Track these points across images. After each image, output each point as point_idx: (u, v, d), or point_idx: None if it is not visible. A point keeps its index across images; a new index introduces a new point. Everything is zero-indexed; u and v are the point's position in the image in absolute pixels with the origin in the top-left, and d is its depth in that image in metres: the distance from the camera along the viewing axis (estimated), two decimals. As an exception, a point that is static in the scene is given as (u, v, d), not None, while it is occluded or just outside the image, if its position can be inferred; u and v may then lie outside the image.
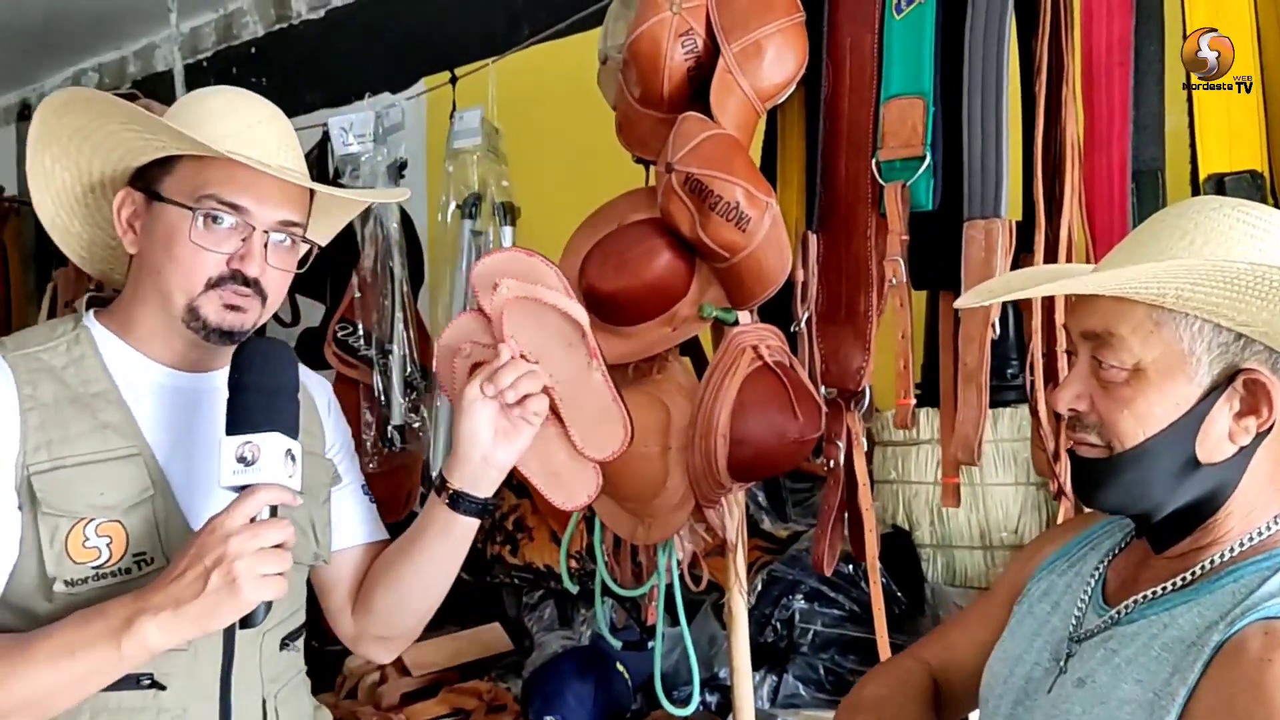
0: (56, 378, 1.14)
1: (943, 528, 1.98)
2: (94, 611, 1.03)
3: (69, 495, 1.09)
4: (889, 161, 1.42)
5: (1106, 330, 0.91)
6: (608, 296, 1.53)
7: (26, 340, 1.17)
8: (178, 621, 1.01)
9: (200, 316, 1.15)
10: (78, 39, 4.41)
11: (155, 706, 1.12)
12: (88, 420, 1.12)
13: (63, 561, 1.08)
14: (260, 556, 1.02)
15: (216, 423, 1.12)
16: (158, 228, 1.15)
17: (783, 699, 1.93)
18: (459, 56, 2.62)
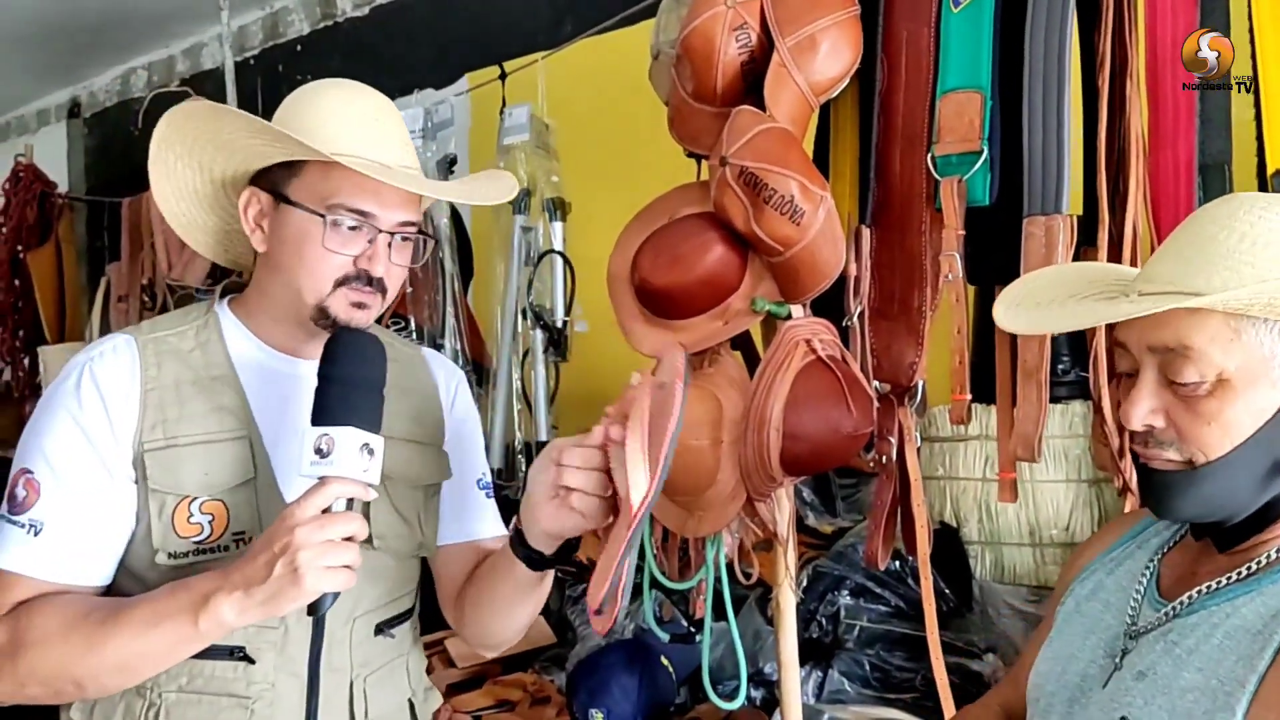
0: (182, 360, 1.20)
1: (991, 524, 1.98)
2: (180, 585, 1.08)
3: (178, 473, 1.16)
4: (945, 156, 1.41)
5: (1181, 344, 0.87)
6: (660, 290, 1.53)
7: (160, 324, 1.24)
8: (247, 603, 1.05)
9: (330, 315, 1.20)
10: (127, 38, 4.48)
11: (245, 679, 1.17)
12: (205, 402, 1.19)
13: (168, 535, 1.14)
14: (325, 548, 1.04)
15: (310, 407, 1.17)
16: (287, 230, 1.19)
17: (828, 694, 1.93)
18: (504, 52, 2.64)
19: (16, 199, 3.56)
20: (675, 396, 1.11)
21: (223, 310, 1.26)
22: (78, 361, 1.18)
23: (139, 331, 1.23)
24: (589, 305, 2.59)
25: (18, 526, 1.11)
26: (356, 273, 1.19)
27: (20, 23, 4.16)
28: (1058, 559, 1.93)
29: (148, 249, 2.87)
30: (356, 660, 1.24)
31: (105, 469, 1.14)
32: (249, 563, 1.06)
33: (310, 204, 1.18)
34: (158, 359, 1.19)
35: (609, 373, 2.75)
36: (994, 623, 1.93)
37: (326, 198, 1.18)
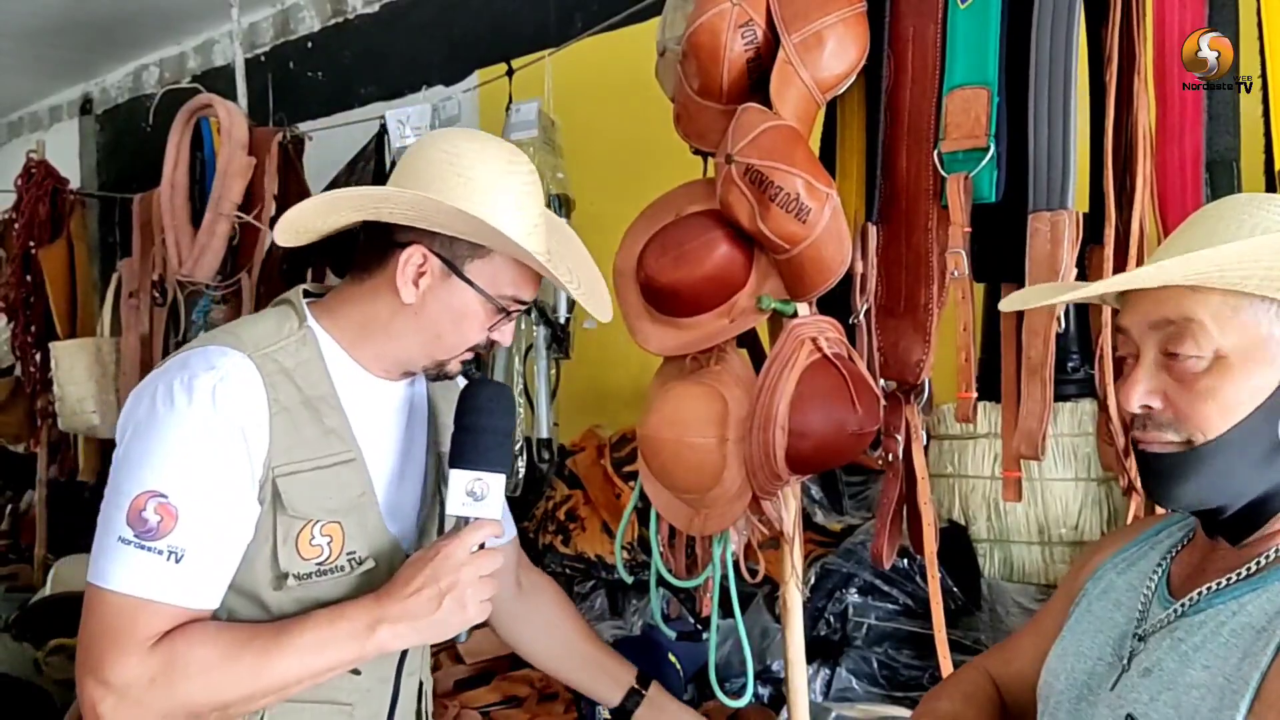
0: (289, 379, 1.21)
1: (1000, 523, 1.97)
2: (337, 613, 1.16)
3: (306, 498, 1.20)
4: (951, 153, 1.40)
5: (1184, 317, 0.88)
6: (666, 288, 1.53)
7: (259, 340, 1.22)
8: (411, 632, 1.16)
9: (444, 368, 1.29)
10: (139, 34, 4.50)
11: (349, 686, 1.26)
12: (316, 424, 1.22)
13: (293, 558, 1.19)
14: (483, 584, 1.18)
15: (408, 429, 1.33)
16: (453, 301, 1.24)
17: (835, 692, 1.92)
18: (513, 49, 2.64)
19: (29, 195, 3.58)
20: None
21: (316, 327, 1.27)
22: (201, 380, 1.15)
23: (241, 345, 1.20)
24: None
25: (155, 554, 1.10)
26: (487, 342, 1.29)
27: (33, 19, 4.18)
28: (1066, 558, 1.92)
29: (158, 245, 2.87)
30: (423, 663, 1.39)
31: (240, 493, 1.16)
32: (410, 596, 1.15)
33: (487, 289, 1.24)
34: (274, 379, 1.19)
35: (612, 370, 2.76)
36: (1002, 621, 1.93)
37: (503, 288, 1.25)
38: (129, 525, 1.10)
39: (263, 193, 2.60)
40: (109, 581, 1.10)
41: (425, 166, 1.23)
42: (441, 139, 1.27)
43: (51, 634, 2.96)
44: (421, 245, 1.22)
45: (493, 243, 1.22)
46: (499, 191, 1.22)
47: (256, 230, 2.58)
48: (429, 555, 1.17)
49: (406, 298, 1.23)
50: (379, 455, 1.28)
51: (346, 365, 1.27)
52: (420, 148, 1.27)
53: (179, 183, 2.71)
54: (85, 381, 3.28)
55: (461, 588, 1.15)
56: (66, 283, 3.63)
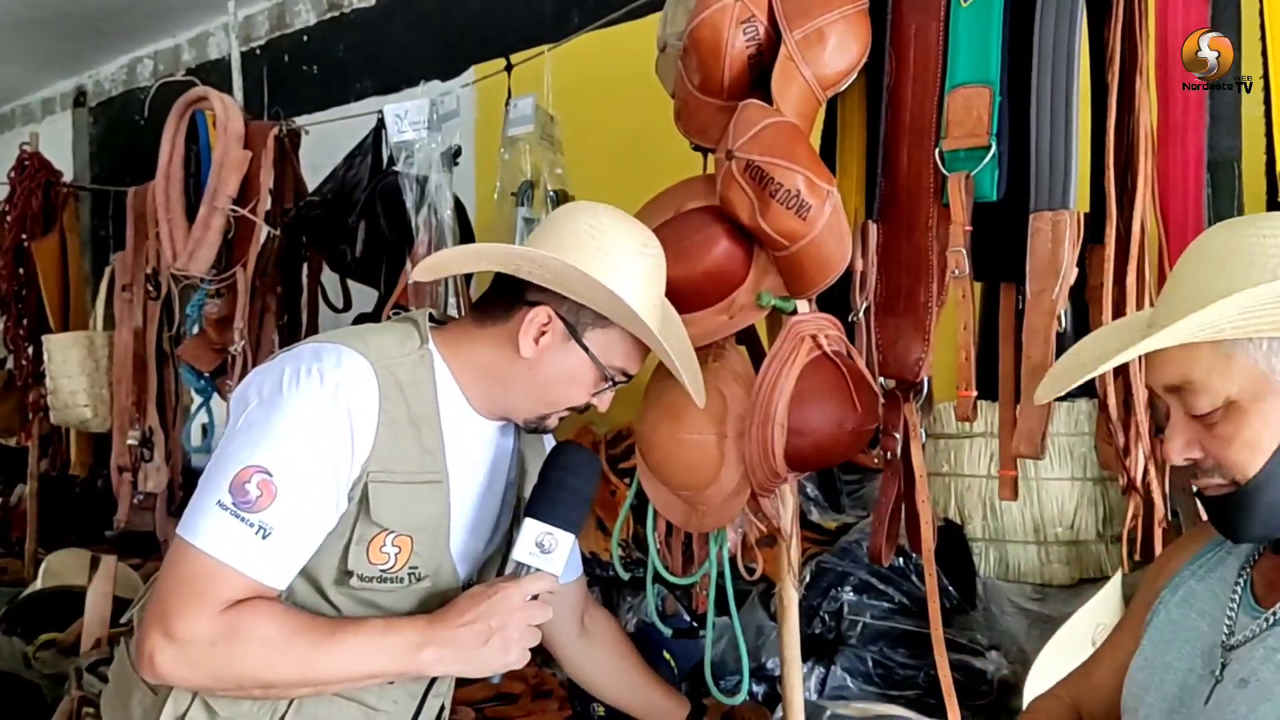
0: (401, 392, 1.26)
1: (996, 522, 1.97)
2: (390, 625, 1.22)
3: (389, 508, 1.24)
4: (953, 151, 1.40)
5: (1185, 380, 0.92)
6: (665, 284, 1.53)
7: (384, 349, 1.27)
8: (454, 660, 1.21)
9: (542, 423, 1.36)
10: (134, 27, 4.48)
11: (379, 693, 1.31)
12: (415, 441, 1.26)
13: (361, 560, 1.25)
14: (530, 633, 1.24)
15: (492, 467, 1.39)
16: (565, 362, 1.31)
17: (830, 690, 1.92)
18: (510, 43, 2.63)
19: (21, 188, 3.55)
20: None
21: (435, 351, 1.32)
22: (329, 376, 1.20)
23: (366, 350, 1.25)
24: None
25: (248, 525, 1.16)
26: (586, 405, 1.35)
27: (26, 10, 4.16)
28: (1062, 557, 1.92)
29: (152, 238, 2.85)
30: (448, 689, 1.46)
31: (335, 489, 1.21)
32: (461, 626, 1.20)
33: (600, 357, 1.31)
34: (388, 390, 1.25)
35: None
36: (998, 620, 1.93)
37: (614, 359, 1.33)
38: (230, 492, 1.16)
39: (258, 186, 2.58)
40: (199, 539, 1.16)
41: (570, 235, 1.29)
42: (588, 212, 1.34)
43: (41, 628, 2.95)
44: (549, 306, 1.29)
45: (618, 316, 1.28)
46: (632, 269, 1.29)
47: (252, 224, 2.56)
48: (488, 592, 1.23)
49: (525, 352, 1.30)
50: (462, 484, 1.34)
51: (454, 394, 1.33)
52: (566, 216, 1.35)
53: (174, 176, 2.69)
54: (78, 375, 3.26)
55: (510, 630, 1.20)
56: (59, 276, 3.61)
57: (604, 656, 1.65)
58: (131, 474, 2.99)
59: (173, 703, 1.24)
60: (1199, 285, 0.90)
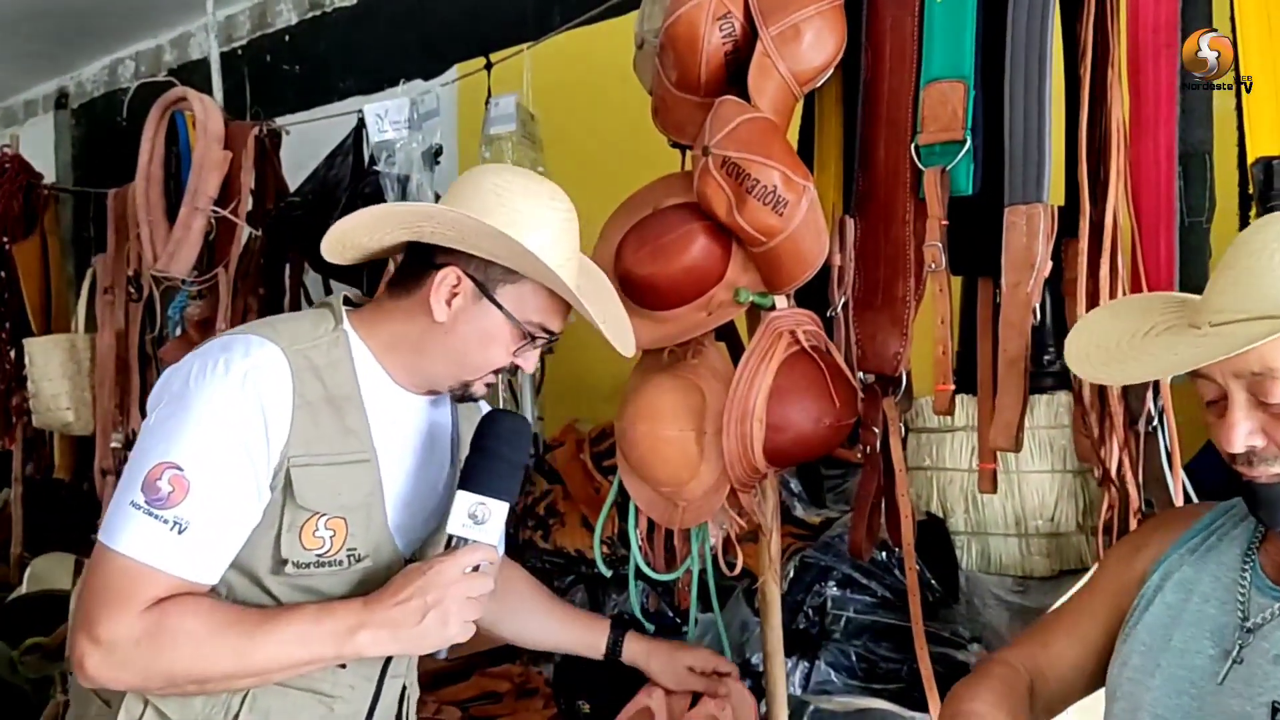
0: (318, 376, 1.25)
1: (977, 514, 1.98)
2: (324, 610, 1.20)
3: (316, 491, 1.23)
4: (929, 146, 1.40)
5: (1267, 368, 0.91)
6: (643, 281, 1.53)
7: (296, 335, 1.27)
8: (390, 641, 1.19)
9: (468, 389, 1.34)
10: (114, 28, 4.46)
11: (332, 680, 1.30)
12: (337, 422, 1.25)
13: (295, 546, 1.23)
14: (468, 604, 1.21)
15: (426, 441, 1.36)
16: (481, 324, 1.29)
17: (814, 685, 1.93)
18: (492, 42, 2.63)
19: (2, 190, 3.53)
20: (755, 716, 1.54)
21: (350, 331, 1.31)
22: (236, 366, 1.19)
23: (278, 337, 1.24)
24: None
25: (162, 522, 1.15)
26: (510, 366, 1.33)
27: (7, 11, 4.14)
28: (1043, 549, 1.93)
29: (133, 240, 2.84)
30: (408, 667, 1.42)
31: (253, 478, 1.19)
32: (396, 605, 1.18)
33: (516, 314, 1.29)
34: (303, 374, 1.23)
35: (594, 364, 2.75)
36: (979, 613, 1.93)
37: (531, 315, 1.30)
38: (143, 491, 1.15)
39: (239, 187, 2.58)
40: (115, 542, 1.15)
41: (473, 194, 1.28)
42: (493, 172, 1.34)
43: (28, 633, 2.93)
44: (456, 267, 1.28)
45: (525, 267, 1.26)
46: (538, 223, 1.28)
47: (233, 225, 2.55)
48: (423, 569, 1.21)
49: (439, 316, 1.28)
50: (394, 462, 1.32)
51: (374, 371, 1.31)
52: (471, 177, 1.34)
53: (154, 177, 2.68)
54: (60, 378, 3.24)
55: (447, 605, 1.18)
56: (41, 278, 3.60)
57: (522, 610, 1.63)
58: (115, 477, 2.97)
59: (125, 712, 1.24)
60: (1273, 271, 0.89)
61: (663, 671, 1.58)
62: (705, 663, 1.57)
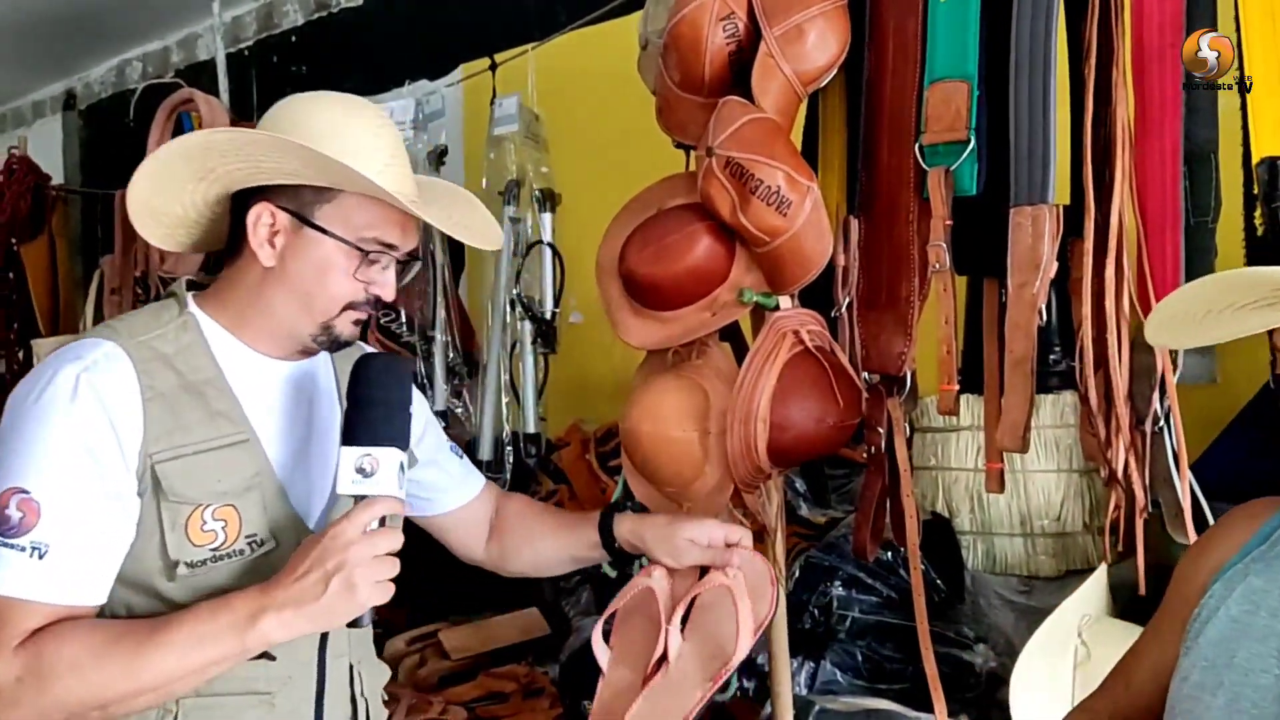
0: (169, 365, 1.18)
1: (983, 514, 1.98)
2: (220, 604, 1.10)
3: (190, 483, 1.15)
4: (932, 146, 1.40)
5: None
6: (647, 281, 1.53)
7: (135, 327, 1.19)
8: (297, 620, 1.08)
9: (333, 334, 1.24)
10: (122, 29, 4.47)
11: (266, 675, 1.20)
12: (201, 408, 1.18)
13: (183, 545, 1.15)
14: (375, 564, 1.09)
15: (312, 408, 1.27)
16: (311, 254, 1.20)
17: (820, 685, 1.93)
18: (497, 43, 2.63)
19: (10, 191, 3.55)
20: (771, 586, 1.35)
21: (196, 310, 1.23)
22: (66, 371, 1.12)
23: (117, 335, 1.18)
24: (581, 297, 2.58)
25: (17, 550, 1.06)
26: (367, 297, 1.23)
27: (15, 13, 4.15)
28: (1049, 549, 1.93)
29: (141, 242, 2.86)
30: (353, 645, 1.31)
31: (111, 487, 1.12)
32: (296, 581, 1.09)
33: (343, 234, 1.19)
34: (148, 366, 1.16)
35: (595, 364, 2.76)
36: (985, 613, 1.94)
37: (360, 230, 1.20)
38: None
39: (245, 188, 2.59)
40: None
41: (262, 124, 1.21)
42: (286, 102, 1.25)
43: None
44: (266, 201, 1.20)
45: (334, 178, 1.18)
46: (338, 134, 1.19)
47: (239, 225, 2.56)
48: (318, 538, 1.11)
49: (265, 260, 1.20)
50: (280, 437, 1.24)
51: (234, 347, 1.23)
52: (270, 111, 1.24)
53: (161, 178, 2.69)
54: (68, 378, 3.25)
55: (349, 568, 1.08)
56: (49, 279, 3.61)
57: (532, 537, 1.53)
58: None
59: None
60: None
61: (659, 546, 1.40)
62: (707, 535, 1.37)
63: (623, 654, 1.40)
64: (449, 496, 1.51)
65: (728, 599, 1.32)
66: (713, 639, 1.34)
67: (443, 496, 1.50)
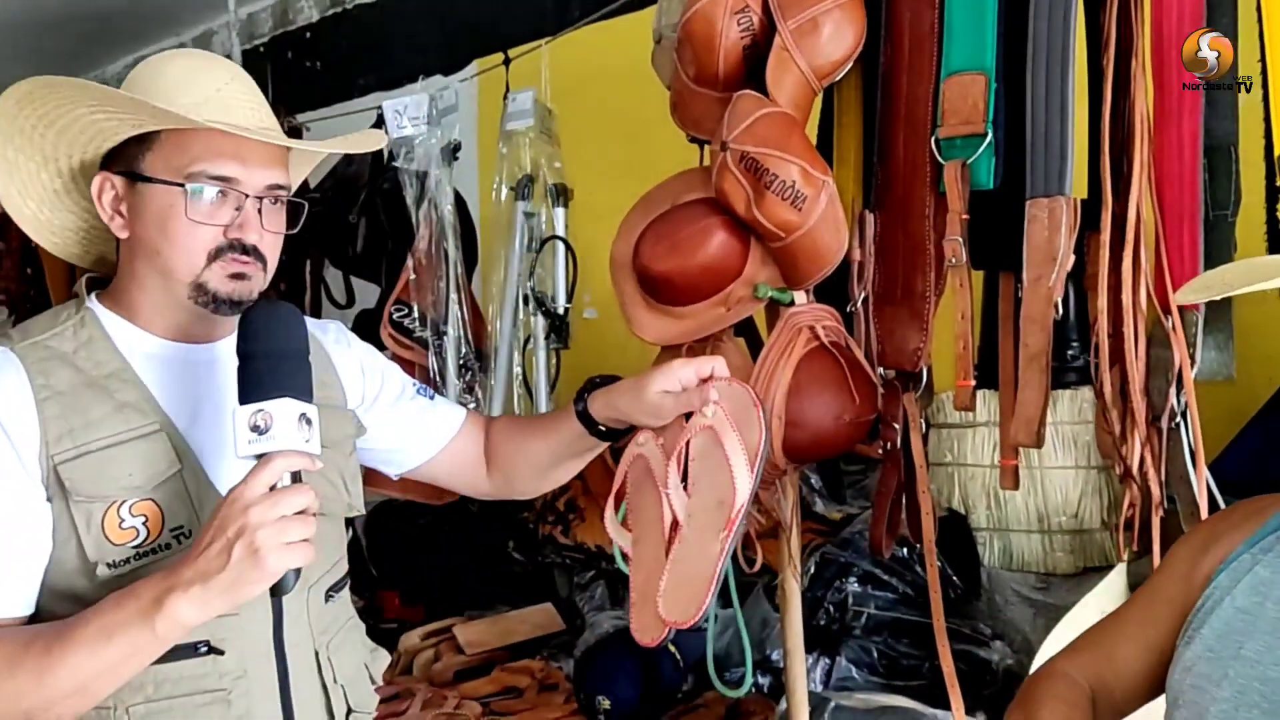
0: (68, 363, 1.14)
1: (999, 511, 1.96)
2: (126, 593, 1.03)
3: (98, 479, 1.10)
4: (949, 139, 1.39)
5: None
6: (662, 277, 1.53)
7: (30, 329, 1.16)
8: (206, 595, 1.00)
9: (208, 291, 1.15)
10: (137, 26, 4.49)
11: (216, 671, 1.13)
12: (106, 402, 1.12)
13: (102, 545, 1.09)
14: (282, 525, 1.00)
15: (231, 390, 1.12)
16: (148, 209, 1.14)
17: (835, 682, 1.92)
18: (511, 38, 2.62)
19: (29, 188, 3.57)
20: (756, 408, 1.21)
21: (95, 305, 1.19)
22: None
23: (9, 340, 1.14)
24: (595, 292, 2.58)
25: None
26: (229, 243, 1.14)
27: (32, 11, 4.17)
28: (1066, 546, 1.91)
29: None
30: (316, 629, 1.23)
31: (14, 492, 1.07)
32: (200, 555, 1.00)
33: (168, 176, 1.13)
34: (43, 366, 1.12)
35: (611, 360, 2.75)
36: (1001, 610, 1.92)
37: (185, 167, 1.13)
38: None
39: (260, 184, 2.59)
40: None
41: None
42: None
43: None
44: (104, 172, 1.16)
45: (141, 118, 1.13)
46: (156, 76, 1.15)
47: (254, 222, 2.57)
48: (218, 505, 1.03)
49: (119, 232, 1.16)
50: (201, 422, 1.17)
51: (137, 337, 1.18)
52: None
53: (176, 174, 2.70)
54: (86, 374, 3.28)
55: (251, 532, 0.99)
56: (66, 276, 3.62)
57: (520, 461, 1.45)
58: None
59: None
60: None
61: (636, 409, 1.30)
62: (676, 379, 1.26)
63: (642, 531, 1.31)
64: (428, 440, 1.43)
65: (715, 439, 1.20)
66: (714, 486, 1.23)
67: (421, 443, 1.43)
